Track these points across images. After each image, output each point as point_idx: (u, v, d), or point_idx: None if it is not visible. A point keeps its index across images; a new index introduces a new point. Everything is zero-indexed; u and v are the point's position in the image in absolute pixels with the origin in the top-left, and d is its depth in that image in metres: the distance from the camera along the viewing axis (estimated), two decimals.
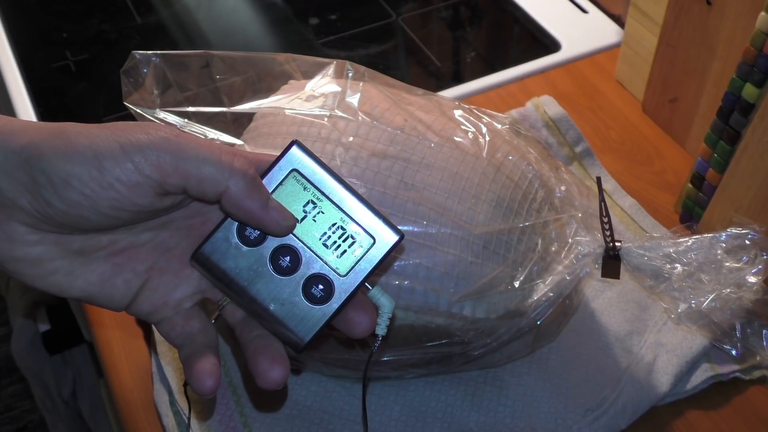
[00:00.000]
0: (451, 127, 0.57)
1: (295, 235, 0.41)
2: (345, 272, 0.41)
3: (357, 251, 0.41)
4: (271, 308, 0.41)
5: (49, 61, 0.93)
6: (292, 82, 0.59)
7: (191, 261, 0.42)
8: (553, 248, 0.57)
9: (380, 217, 0.41)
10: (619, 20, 0.93)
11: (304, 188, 0.41)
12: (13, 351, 1.14)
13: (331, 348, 0.55)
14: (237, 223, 0.41)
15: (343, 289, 0.41)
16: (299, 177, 0.41)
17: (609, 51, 0.90)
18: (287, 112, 0.55)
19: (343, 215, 0.41)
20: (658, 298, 0.62)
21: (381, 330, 0.43)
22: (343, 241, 0.41)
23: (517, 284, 0.54)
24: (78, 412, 1.16)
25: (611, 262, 0.58)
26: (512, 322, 0.54)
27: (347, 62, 0.59)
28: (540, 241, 0.56)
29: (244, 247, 0.41)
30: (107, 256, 0.40)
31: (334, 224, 0.41)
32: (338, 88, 0.57)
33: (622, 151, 0.78)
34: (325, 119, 0.55)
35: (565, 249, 0.57)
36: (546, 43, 0.92)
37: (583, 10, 0.96)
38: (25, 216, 0.37)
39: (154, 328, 0.61)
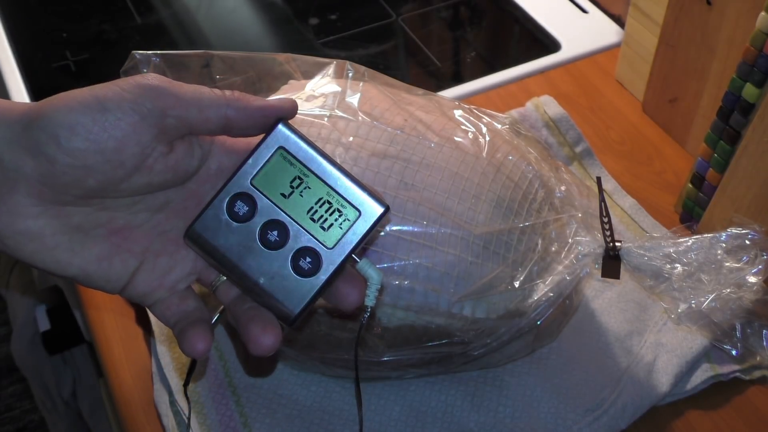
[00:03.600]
0: (451, 127, 0.57)
1: (283, 210, 0.42)
2: (332, 245, 0.42)
3: (343, 224, 0.42)
4: (261, 282, 0.42)
5: (49, 61, 0.93)
6: (292, 82, 0.59)
7: (184, 239, 0.42)
8: (553, 248, 0.57)
9: (366, 191, 0.42)
10: (619, 20, 0.93)
11: (291, 164, 0.42)
12: (13, 351, 1.14)
13: (331, 348, 0.55)
14: (227, 201, 0.42)
15: (330, 261, 0.42)
16: (286, 154, 0.42)
17: (609, 51, 0.90)
18: None
19: (330, 190, 0.42)
20: (658, 298, 0.62)
21: (370, 301, 0.44)
22: (330, 214, 0.42)
23: (517, 284, 0.54)
24: (78, 412, 1.16)
25: (611, 262, 0.58)
26: (512, 322, 0.54)
27: (347, 62, 0.59)
28: (540, 241, 0.56)
29: (234, 224, 0.42)
30: (105, 235, 0.41)
31: (320, 199, 0.42)
32: (338, 88, 0.57)
33: (622, 151, 0.78)
34: (325, 119, 0.55)
35: (565, 249, 0.57)
36: (546, 43, 0.92)
37: (583, 10, 0.96)
38: (28, 186, 0.37)
39: (153, 327, 0.62)
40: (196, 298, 0.44)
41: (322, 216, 0.42)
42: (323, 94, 0.57)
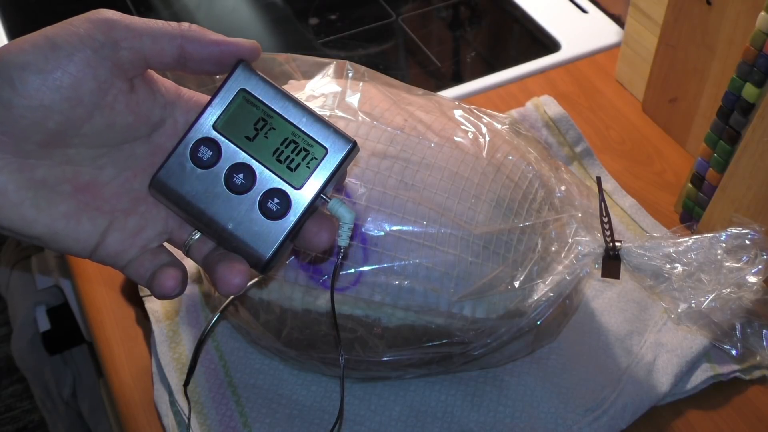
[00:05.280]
0: (451, 127, 0.57)
1: (248, 153, 0.41)
2: (300, 185, 0.41)
3: (311, 163, 0.41)
4: (230, 227, 0.41)
5: None
6: (292, 82, 0.59)
7: (149, 189, 0.42)
8: (553, 248, 0.57)
9: (331, 128, 0.41)
10: (619, 20, 0.93)
11: (254, 106, 0.41)
12: (13, 351, 1.14)
13: (331, 348, 0.55)
14: (190, 147, 0.41)
15: (300, 202, 0.41)
16: (248, 96, 0.41)
17: (609, 51, 0.90)
18: None
19: (295, 129, 0.41)
20: (658, 298, 0.62)
21: (343, 241, 0.44)
22: (296, 154, 0.41)
23: (517, 284, 0.54)
24: (78, 412, 1.16)
25: (611, 262, 0.58)
26: (512, 322, 0.54)
27: (347, 62, 0.59)
28: (540, 241, 0.56)
29: (199, 170, 0.41)
30: (71, 192, 0.40)
31: (286, 139, 0.41)
32: (338, 88, 0.57)
33: (622, 151, 0.78)
34: None
35: (565, 249, 0.57)
36: (546, 43, 0.92)
37: (583, 10, 0.96)
38: None
39: (153, 328, 0.62)
40: (169, 253, 0.43)
41: (288, 156, 0.41)
42: (323, 94, 0.57)
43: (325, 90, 0.57)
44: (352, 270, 0.52)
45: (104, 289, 0.67)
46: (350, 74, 0.59)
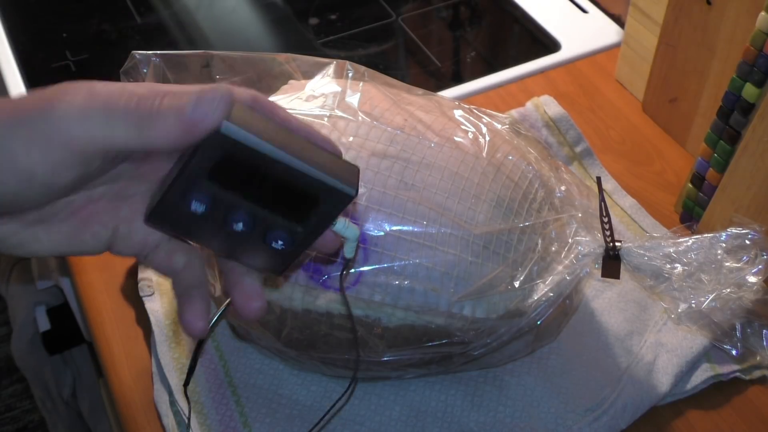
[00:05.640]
0: (451, 127, 0.57)
1: (244, 201, 0.40)
2: (301, 228, 0.41)
3: (311, 210, 0.40)
4: (236, 255, 0.42)
5: (49, 61, 0.93)
6: (292, 82, 0.59)
7: (145, 222, 0.41)
8: (553, 248, 0.57)
9: (330, 175, 0.39)
10: (619, 20, 0.93)
11: (245, 151, 0.37)
12: (13, 351, 1.14)
13: (331, 348, 0.55)
14: (183, 194, 0.39)
15: (302, 241, 0.42)
16: (236, 142, 0.37)
17: (609, 51, 0.90)
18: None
19: (291, 177, 0.39)
20: (658, 298, 0.62)
21: (349, 254, 0.45)
22: (295, 201, 0.40)
23: (517, 284, 0.54)
24: (78, 412, 1.16)
25: (611, 262, 0.58)
26: (512, 322, 0.54)
27: (347, 62, 0.59)
28: (540, 241, 0.56)
29: (195, 214, 0.40)
30: (68, 216, 0.40)
31: (282, 187, 0.39)
32: (338, 88, 0.57)
33: (622, 151, 0.78)
34: (325, 119, 0.55)
35: (565, 249, 0.57)
36: (546, 43, 0.92)
37: (583, 10, 0.96)
38: None
39: (153, 328, 0.62)
40: (184, 250, 0.43)
41: (286, 204, 0.40)
42: (323, 94, 0.57)
43: (325, 90, 0.57)
44: (352, 270, 0.52)
45: (104, 289, 0.67)
46: (350, 74, 0.59)
